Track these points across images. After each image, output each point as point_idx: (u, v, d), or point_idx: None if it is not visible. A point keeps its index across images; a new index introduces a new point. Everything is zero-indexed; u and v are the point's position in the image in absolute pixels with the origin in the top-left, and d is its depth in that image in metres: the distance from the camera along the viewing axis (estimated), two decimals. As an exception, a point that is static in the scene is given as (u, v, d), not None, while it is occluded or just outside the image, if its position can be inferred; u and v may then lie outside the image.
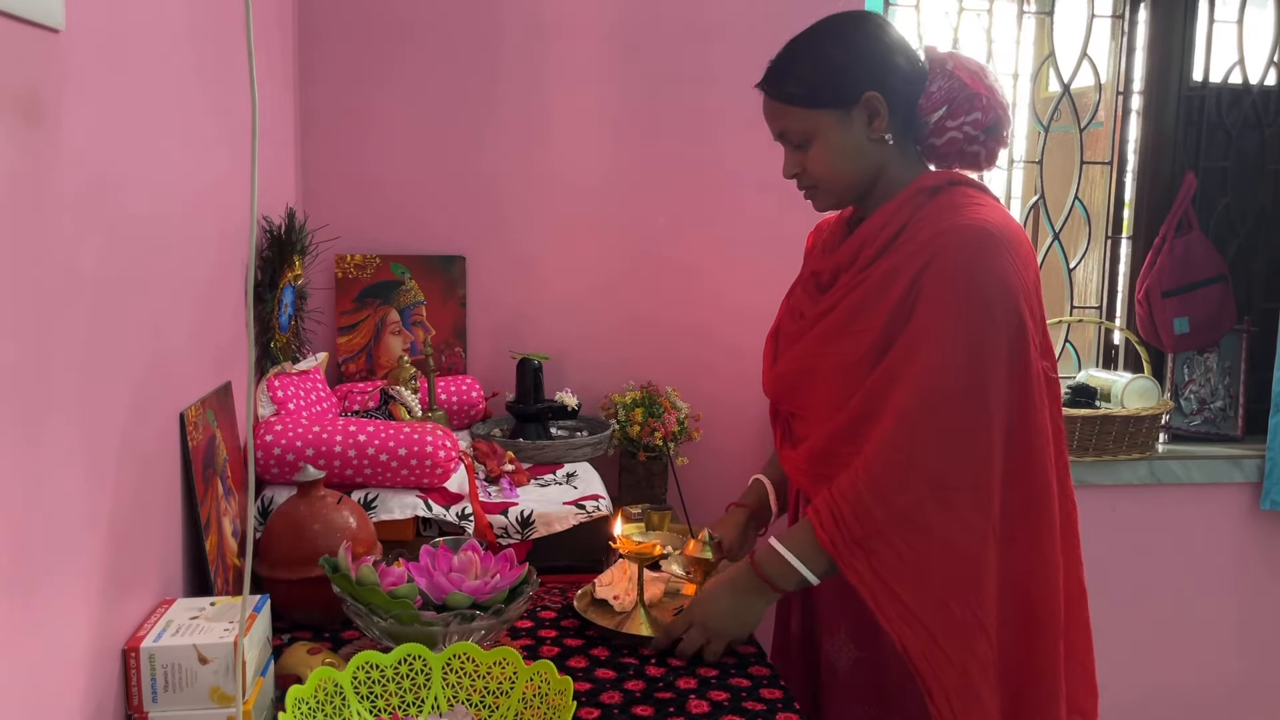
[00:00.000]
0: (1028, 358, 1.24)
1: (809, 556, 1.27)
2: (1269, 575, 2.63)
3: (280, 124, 1.90)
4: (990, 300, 1.21)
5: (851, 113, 1.30)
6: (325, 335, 2.11)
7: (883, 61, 1.31)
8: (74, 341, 0.87)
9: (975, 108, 1.32)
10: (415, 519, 1.55)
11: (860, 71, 1.29)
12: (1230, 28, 2.61)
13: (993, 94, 1.33)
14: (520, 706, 1.07)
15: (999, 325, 1.21)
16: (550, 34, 2.13)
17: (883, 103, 1.29)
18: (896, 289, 1.26)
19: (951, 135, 1.33)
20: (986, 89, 1.32)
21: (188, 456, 1.19)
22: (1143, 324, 2.60)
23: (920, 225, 1.27)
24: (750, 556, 1.32)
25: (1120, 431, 2.46)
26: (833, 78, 1.30)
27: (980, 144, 1.34)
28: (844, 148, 1.32)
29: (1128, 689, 2.61)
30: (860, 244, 1.33)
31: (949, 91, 1.32)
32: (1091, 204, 2.68)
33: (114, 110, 0.98)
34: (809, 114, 1.31)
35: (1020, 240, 1.27)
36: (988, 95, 1.32)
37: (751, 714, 1.18)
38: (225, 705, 0.98)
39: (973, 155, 1.35)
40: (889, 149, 1.33)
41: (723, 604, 1.30)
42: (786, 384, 1.41)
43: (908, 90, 1.32)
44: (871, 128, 1.31)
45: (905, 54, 1.33)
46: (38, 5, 0.76)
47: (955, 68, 1.32)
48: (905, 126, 1.34)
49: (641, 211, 2.19)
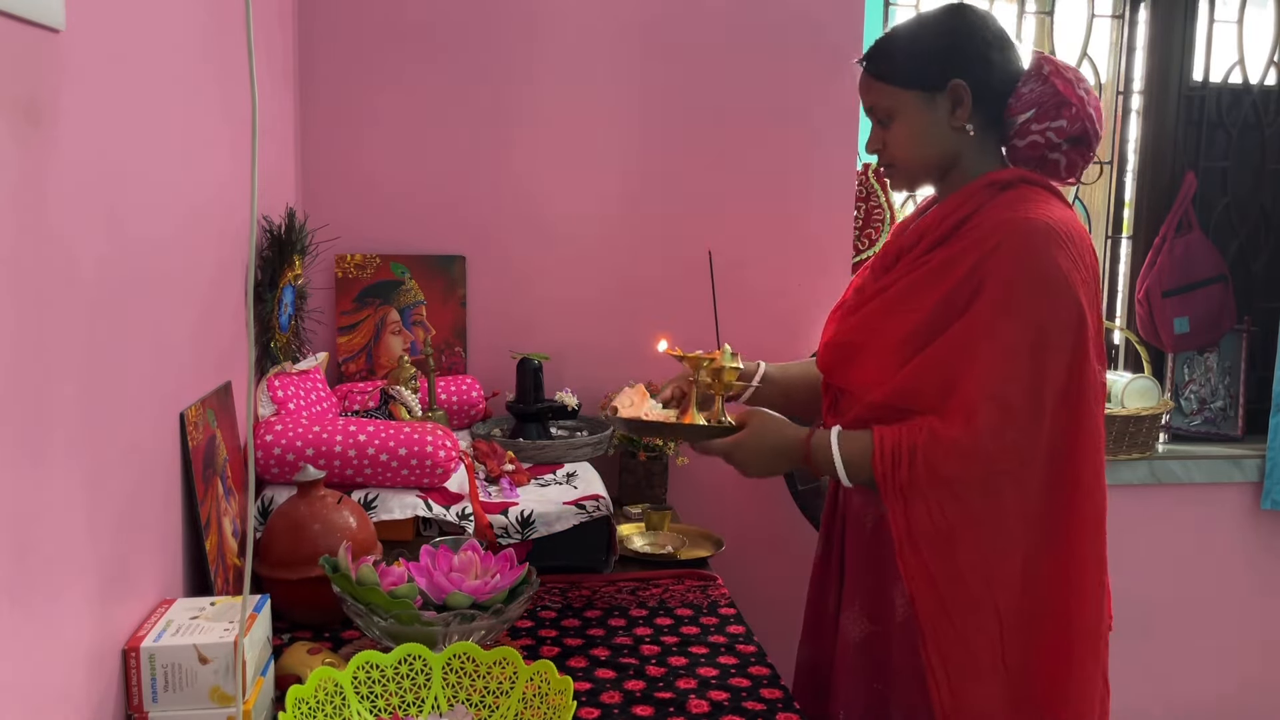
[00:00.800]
0: (1086, 355, 1.27)
1: (855, 468, 1.33)
2: (1269, 575, 2.63)
3: (280, 124, 1.90)
4: (1054, 292, 1.24)
5: (937, 98, 1.34)
6: (325, 335, 2.11)
7: (975, 54, 1.34)
8: (74, 342, 0.87)
9: (1063, 115, 1.33)
10: (415, 519, 1.55)
11: (951, 59, 1.34)
12: (1230, 28, 2.61)
13: (1083, 105, 1.33)
14: (520, 706, 1.07)
15: (1061, 316, 1.25)
16: (550, 34, 2.13)
17: (968, 93, 1.33)
18: (955, 275, 1.29)
19: (1034, 139, 1.35)
20: (1078, 99, 1.33)
21: (188, 456, 1.19)
22: (1143, 324, 2.60)
23: (985, 216, 1.31)
24: (810, 433, 1.37)
25: (1120, 431, 2.46)
26: (923, 61, 1.34)
27: (1062, 152, 1.36)
28: (924, 130, 1.36)
29: (1128, 689, 2.61)
30: (925, 229, 1.37)
31: (1040, 95, 1.34)
32: (1092, 204, 2.68)
33: (114, 110, 0.98)
34: (896, 92, 1.35)
35: (1083, 240, 1.30)
36: (1078, 105, 1.33)
37: (751, 714, 1.18)
38: (225, 705, 0.98)
39: (1053, 163, 1.37)
40: (968, 139, 1.36)
41: (764, 458, 1.39)
42: (835, 355, 1.45)
43: (998, 87, 1.35)
44: (954, 116, 1.34)
45: (1003, 52, 1.36)
46: (38, 5, 0.76)
47: (1051, 74, 1.34)
48: (991, 122, 1.37)
49: (642, 211, 2.19)
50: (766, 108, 2.21)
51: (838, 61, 2.18)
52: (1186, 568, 2.59)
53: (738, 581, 1.76)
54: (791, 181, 2.23)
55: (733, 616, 1.47)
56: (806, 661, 1.55)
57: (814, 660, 1.53)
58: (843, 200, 2.26)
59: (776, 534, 2.28)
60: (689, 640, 1.38)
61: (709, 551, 1.76)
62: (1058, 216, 1.28)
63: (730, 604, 1.52)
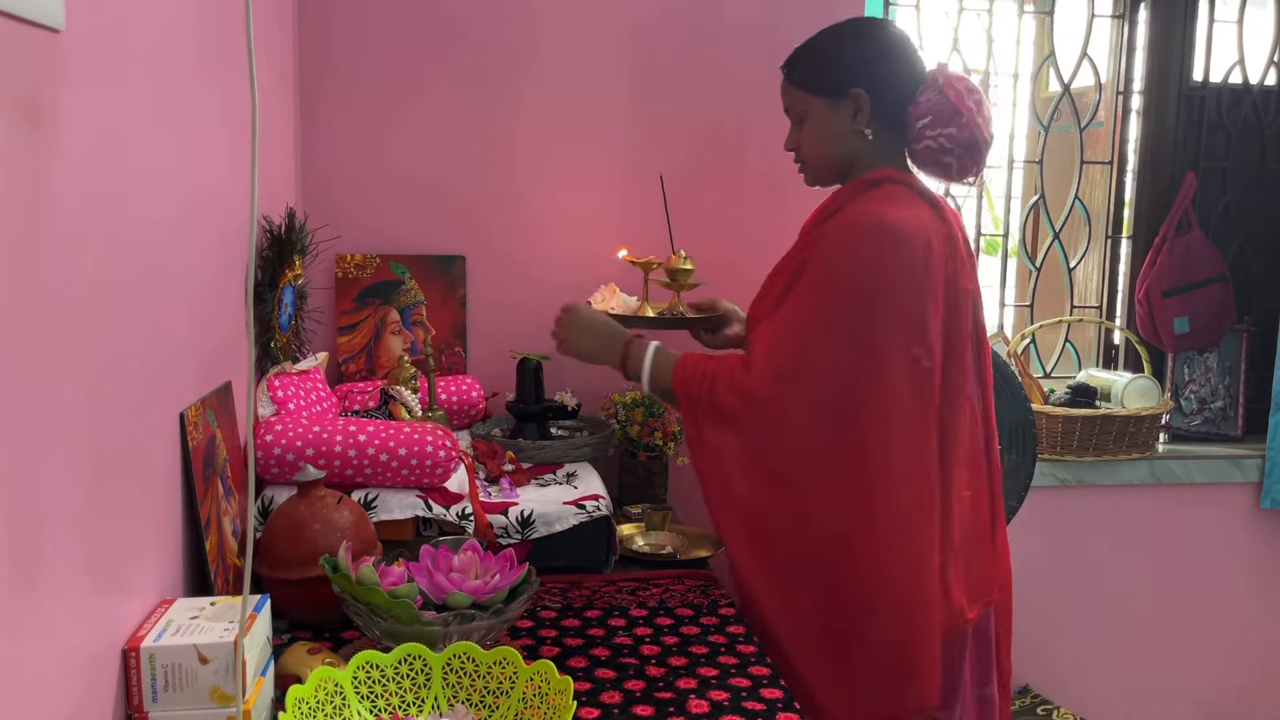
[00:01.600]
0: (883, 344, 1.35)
1: (657, 379, 1.51)
2: (1269, 575, 2.63)
3: (280, 124, 1.90)
4: (859, 274, 1.36)
5: (840, 104, 1.47)
6: (325, 335, 2.11)
7: (876, 65, 1.47)
8: (74, 341, 0.87)
9: (953, 123, 1.44)
10: (415, 519, 1.55)
11: (853, 70, 1.47)
12: (1230, 28, 2.61)
13: (972, 114, 1.44)
14: (520, 706, 1.07)
15: (861, 299, 1.36)
16: (551, 34, 2.13)
17: (867, 101, 1.46)
18: (797, 262, 1.45)
19: (928, 144, 1.46)
20: (968, 109, 1.43)
21: (188, 456, 1.19)
22: (1143, 324, 2.60)
23: (845, 212, 1.44)
24: (631, 340, 1.56)
25: (1120, 431, 2.46)
26: (828, 70, 1.48)
27: (954, 157, 1.46)
28: (828, 132, 1.50)
29: (1127, 688, 2.62)
30: (808, 221, 1.53)
31: (935, 104, 1.45)
32: (1092, 204, 2.68)
33: (114, 110, 0.98)
34: (805, 97, 1.50)
35: (917, 238, 1.37)
36: (968, 115, 1.43)
37: (751, 714, 1.18)
38: (225, 705, 0.98)
39: (946, 166, 1.47)
40: (867, 143, 1.48)
41: (590, 334, 1.59)
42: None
43: (897, 95, 1.47)
44: (855, 121, 1.47)
45: (905, 63, 1.48)
46: (38, 5, 0.76)
47: (944, 84, 1.45)
48: (892, 126, 1.48)
49: (642, 210, 2.19)
50: (766, 108, 2.20)
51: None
52: (1186, 568, 2.59)
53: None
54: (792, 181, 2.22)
55: (733, 617, 1.47)
56: None
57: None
58: (843, 200, 2.26)
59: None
60: (689, 640, 1.38)
61: (709, 551, 1.76)
62: (899, 215, 1.38)
63: (730, 604, 1.52)
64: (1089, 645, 2.59)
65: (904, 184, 1.46)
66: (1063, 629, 2.56)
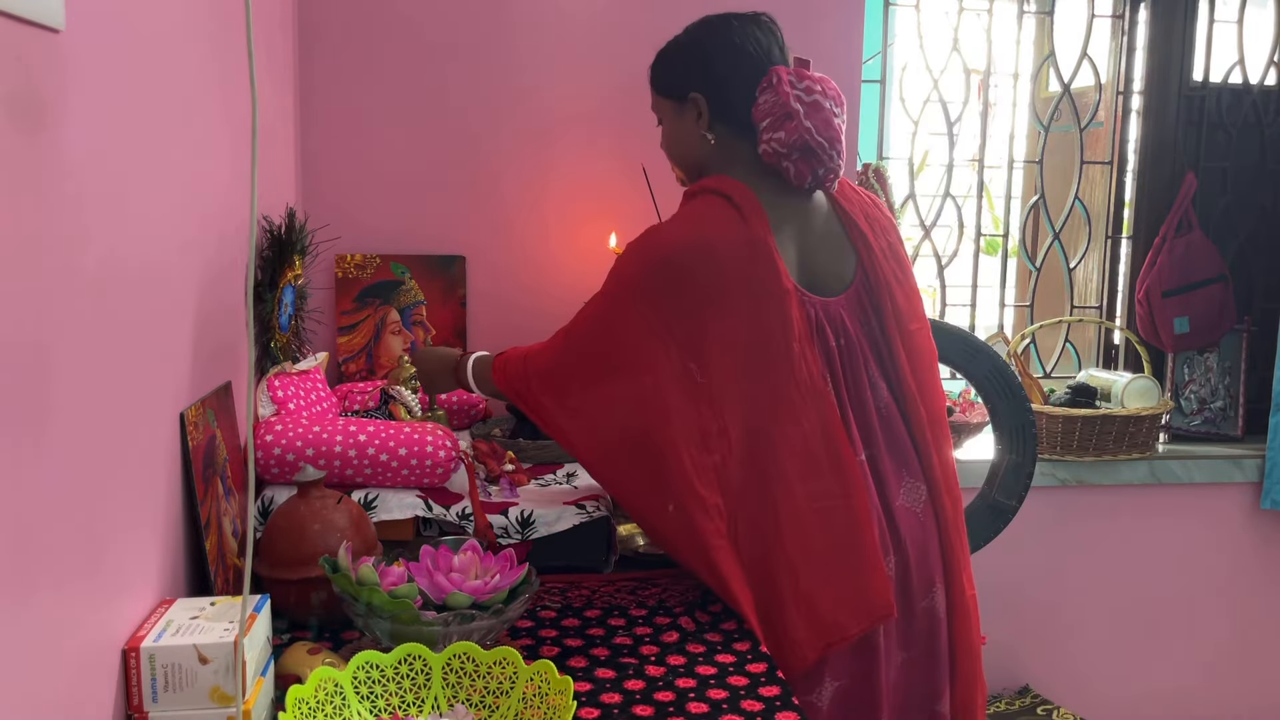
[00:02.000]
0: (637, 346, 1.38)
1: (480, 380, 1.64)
2: (1269, 575, 2.64)
3: (280, 124, 1.90)
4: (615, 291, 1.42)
5: (683, 107, 1.50)
6: (325, 335, 2.11)
7: (713, 69, 1.46)
8: (74, 341, 0.87)
9: (783, 127, 1.40)
10: (415, 519, 1.55)
11: (689, 73, 1.48)
12: (1230, 28, 2.61)
13: (800, 118, 1.39)
14: (520, 706, 1.07)
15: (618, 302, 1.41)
16: (551, 33, 2.13)
17: (705, 104, 1.46)
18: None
19: (764, 147, 1.42)
20: (796, 110, 1.39)
21: (188, 456, 1.19)
22: (1143, 324, 2.60)
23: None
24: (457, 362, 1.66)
25: (1120, 431, 2.46)
26: (670, 73, 1.52)
27: (791, 161, 1.41)
28: (676, 134, 1.53)
29: (1127, 689, 2.62)
30: None
31: (771, 106, 1.41)
32: (1091, 204, 2.68)
33: (114, 110, 0.98)
34: (657, 99, 1.56)
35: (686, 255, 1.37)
36: (796, 119, 1.39)
37: (751, 714, 1.18)
38: (225, 705, 0.98)
39: (785, 170, 1.43)
40: (711, 147, 1.48)
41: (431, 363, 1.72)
42: None
43: (736, 98, 1.44)
44: (697, 124, 1.48)
45: (748, 65, 1.44)
46: (38, 5, 0.76)
47: (778, 84, 1.40)
48: (739, 131, 1.46)
49: (642, 210, 2.19)
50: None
51: (838, 63, 2.18)
52: (1186, 568, 2.60)
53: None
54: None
55: (731, 614, 1.47)
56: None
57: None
58: (843, 200, 2.26)
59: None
60: (688, 639, 1.38)
61: None
62: (676, 232, 1.40)
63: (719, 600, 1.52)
64: (1089, 645, 2.59)
65: (721, 195, 1.41)
66: (1063, 629, 2.57)
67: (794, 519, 1.37)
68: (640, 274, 1.40)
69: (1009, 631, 2.45)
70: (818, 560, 1.37)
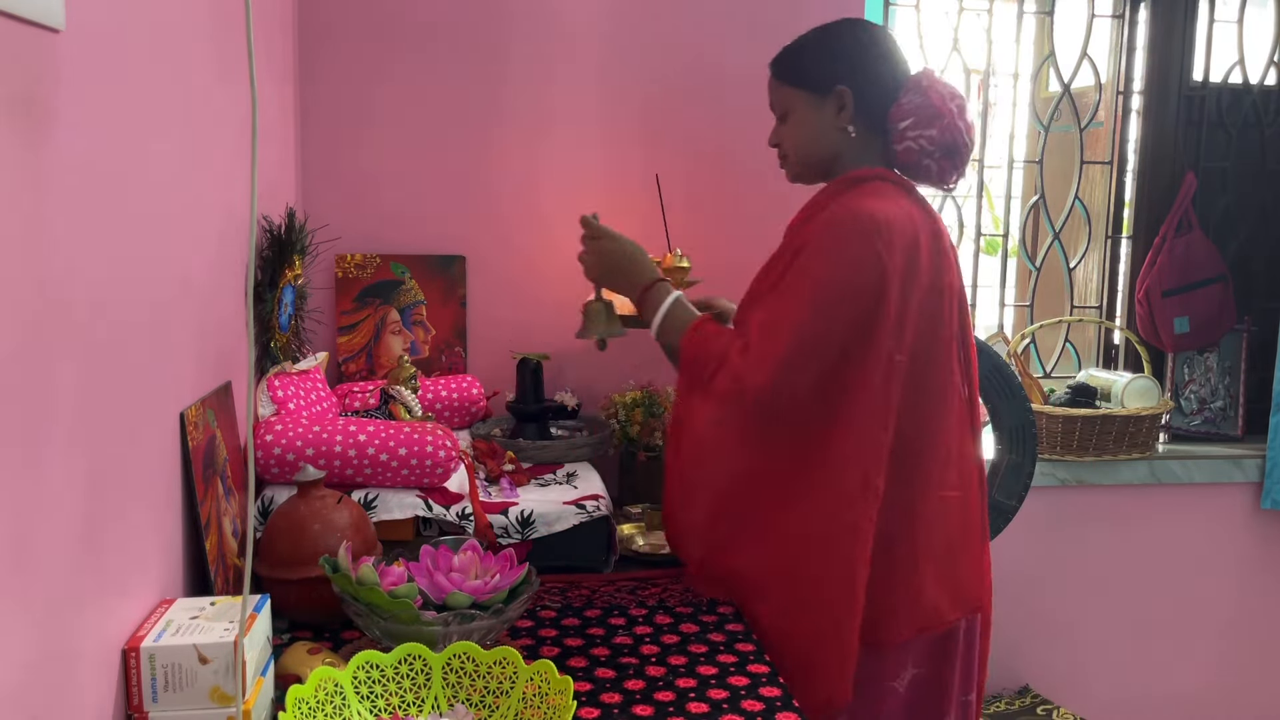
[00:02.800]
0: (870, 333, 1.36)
1: (668, 330, 1.52)
2: (1269, 575, 2.63)
3: (280, 124, 1.90)
4: (846, 263, 1.37)
5: (824, 100, 1.49)
6: (325, 335, 2.11)
7: (862, 64, 1.48)
8: (74, 341, 0.87)
9: (934, 126, 1.45)
10: (415, 519, 1.55)
11: (839, 67, 1.48)
12: (1230, 28, 2.61)
13: (953, 118, 1.45)
14: (520, 706, 1.07)
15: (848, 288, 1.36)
16: (551, 33, 2.13)
17: (850, 98, 1.47)
18: (785, 259, 1.44)
19: (909, 145, 1.46)
20: (949, 112, 1.45)
21: (188, 456, 1.19)
22: (1143, 324, 2.60)
23: (833, 207, 1.43)
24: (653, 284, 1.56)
25: (1120, 431, 2.46)
26: (815, 66, 1.50)
27: (934, 160, 1.47)
28: (811, 128, 1.51)
29: (1127, 689, 2.62)
30: (794, 221, 1.53)
31: (917, 107, 1.46)
32: (1092, 204, 2.68)
33: (114, 110, 0.98)
34: (791, 92, 1.53)
35: (900, 234, 1.38)
36: (949, 118, 1.45)
37: (751, 714, 1.18)
38: (225, 705, 0.98)
39: (925, 169, 1.48)
40: (850, 140, 1.49)
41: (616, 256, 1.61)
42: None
43: (881, 95, 1.48)
44: (838, 118, 1.49)
45: (891, 64, 1.49)
46: (38, 5, 0.76)
47: (928, 87, 1.46)
48: (874, 127, 1.49)
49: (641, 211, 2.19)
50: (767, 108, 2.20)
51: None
52: (1186, 567, 2.60)
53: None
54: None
55: (731, 615, 1.47)
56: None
57: None
58: (843, 200, 2.26)
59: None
60: (688, 639, 1.39)
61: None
62: (885, 209, 1.39)
63: (728, 602, 1.52)
64: (1089, 645, 2.59)
65: (891, 181, 1.47)
66: (1063, 629, 2.57)
67: (925, 505, 1.45)
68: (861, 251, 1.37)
69: (1009, 631, 2.45)
70: (936, 546, 1.46)
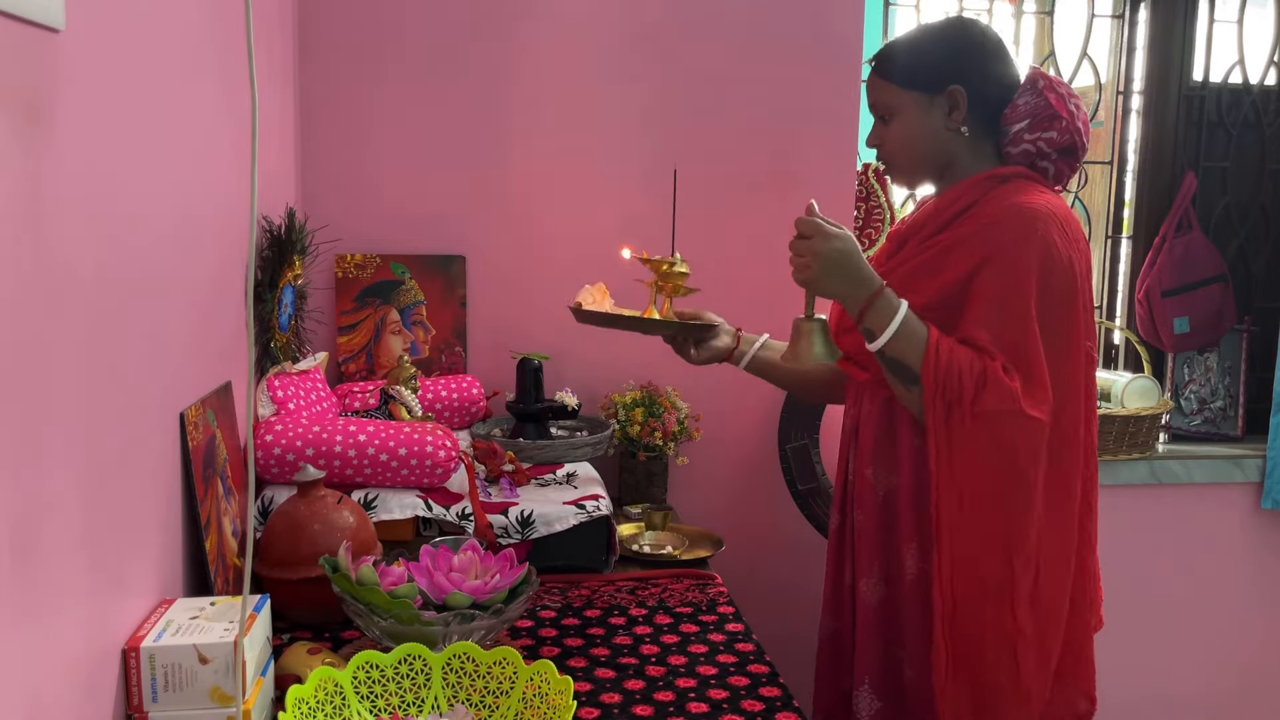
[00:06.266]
0: (1077, 326, 1.36)
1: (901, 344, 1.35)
2: (1269, 575, 2.63)
3: (280, 124, 1.90)
4: (1052, 264, 1.34)
5: (935, 100, 1.44)
6: (325, 335, 2.11)
7: (974, 63, 1.44)
8: (74, 341, 0.87)
9: (1053, 127, 1.42)
10: (415, 519, 1.55)
11: (950, 66, 1.44)
12: (1230, 28, 2.61)
13: (1073, 119, 1.42)
14: (520, 706, 1.07)
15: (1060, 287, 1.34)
16: (551, 34, 2.13)
17: (964, 98, 1.42)
18: (957, 259, 1.38)
19: (1026, 147, 1.44)
20: (1068, 113, 1.42)
21: (188, 456, 1.19)
22: (1143, 324, 2.60)
23: (987, 203, 1.40)
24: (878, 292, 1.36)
25: (1120, 431, 2.46)
26: (924, 65, 1.44)
27: (1051, 161, 1.45)
28: (921, 129, 1.45)
29: (1128, 689, 2.61)
30: (928, 217, 1.47)
31: (1034, 108, 1.43)
32: (1092, 204, 2.68)
33: (114, 110, 0.98)
34: (897, 91, 1.45)
35: (1073, 224, 1.40)
36: (1068, 119, 1.42)
37: (751, 714, 1.18)
38: (225, 705, 0.98)
39: (1042, 170, 1.45)
40: (963, 142, 1.45)
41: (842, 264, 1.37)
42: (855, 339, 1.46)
43: (994, 95, 1.44)
44: (950, 118, 1.44)
45: (1001, 64, 1.46)
46: (38, 5, 0.76)
47: (1045, 88, 1.43)
48: (986, 128, 1.46)
49: (641, 211, 2.19)
50: (766, 108, 2.21)
51: (838, 62, 2.18)
52: (1186, 568, 2.59)
53: (737, 581, 1.76)
54: (791, 181, 2.23)
55: (731, 615, 1.47)
56: (828, 633, 1.60)
57: (835, 630, 1.58)
58: (843, 200, 2.26)
59: (776, 534, 2.28)
60: (688, 639, 1.39)
61: (709, 551, 1.76)
62: (1049, 203, 1.38)
63: (729, 602, 1.52)
64: (1089, 645, 2.59)
65: (1035, 179, 1.44)
66: (1063, 629, 2.56)
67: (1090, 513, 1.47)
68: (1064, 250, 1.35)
69: (1009, 631, 2.45)
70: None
